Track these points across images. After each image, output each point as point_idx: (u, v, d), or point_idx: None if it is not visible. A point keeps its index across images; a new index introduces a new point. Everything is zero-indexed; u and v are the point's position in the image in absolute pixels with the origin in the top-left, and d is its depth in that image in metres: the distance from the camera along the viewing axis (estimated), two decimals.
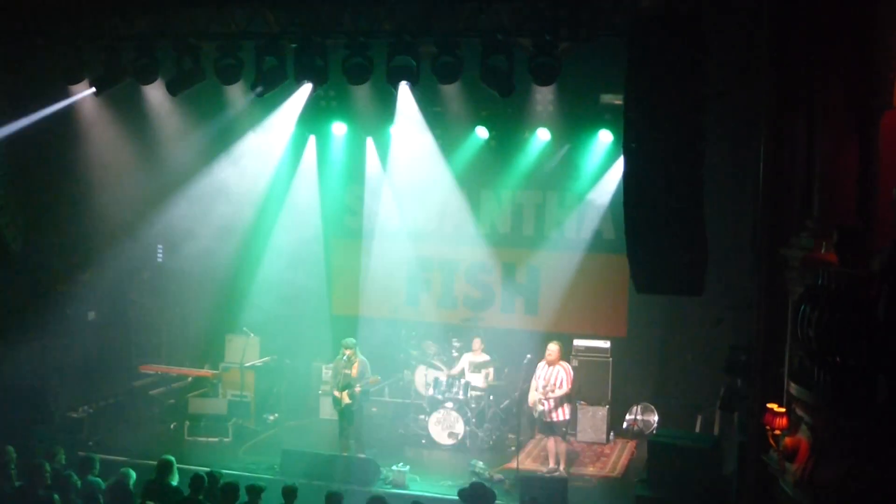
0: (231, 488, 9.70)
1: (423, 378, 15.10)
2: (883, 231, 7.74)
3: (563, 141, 15.14)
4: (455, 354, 15.05)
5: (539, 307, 16.08)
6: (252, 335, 15.49)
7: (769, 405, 8.71)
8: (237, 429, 14.47)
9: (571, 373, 13.10)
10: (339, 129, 15.86)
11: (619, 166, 10.70)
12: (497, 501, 10.16)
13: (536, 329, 15.56)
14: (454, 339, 15.29)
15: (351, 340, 13.37)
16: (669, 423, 14.49)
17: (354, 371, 13.14)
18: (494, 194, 16.17)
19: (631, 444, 14.64)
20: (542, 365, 13.13)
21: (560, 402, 12.93)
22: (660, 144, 9.79)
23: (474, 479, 11.68)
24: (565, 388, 12.89)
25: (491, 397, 14.52)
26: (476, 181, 15.92)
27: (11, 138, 13.09)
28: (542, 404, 12.91)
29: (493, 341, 15.30)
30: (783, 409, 8.57)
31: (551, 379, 12.90)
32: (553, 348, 13.06)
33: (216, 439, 14.24)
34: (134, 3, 12.27)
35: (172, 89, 12.35)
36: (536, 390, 12.99)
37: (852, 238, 7.46)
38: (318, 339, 15.94)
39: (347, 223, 16.99)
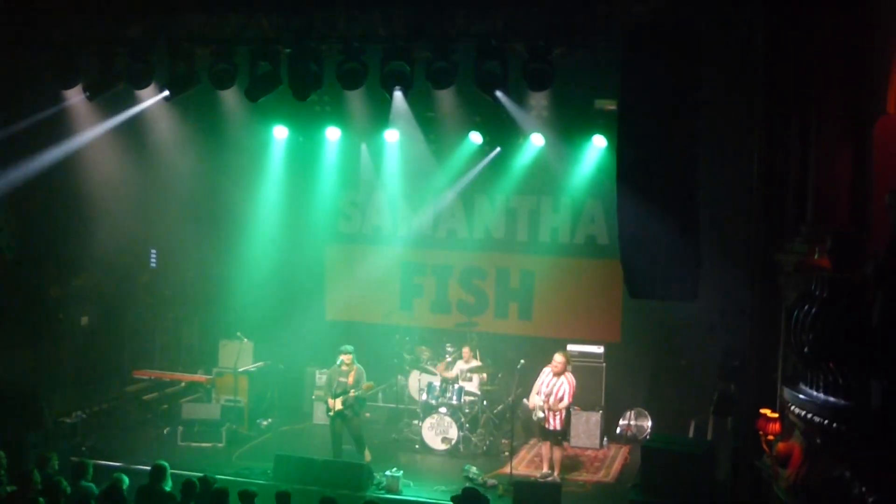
0: (221, 494, 9.67)
1: (416, 383, 15.05)
2: (877, 236, 7.77)
3: (558, 146, 15.13)
4: (448, 360, 15.03)
5: (533, 312, 16.06)
6: (245, 340, 15.45)
7: (762, 410, 8.73)
8: (230, 434, 14.41)
9: (574, 385, 12.95)
10: (333, 133, 15.82)
11: (612, 171, 10.72)
12: None
13: (530, 334, 15.55)
14: (448, 345, 15.24)
15: (349, 347, 13.25)
16: (663, 428, 14.45)
17: (350, 379, 13.03)
18: (488, 199, 16.16)
19: (624, 450, 14.62)
20: (547, 371, 12.98)
21: (563, 414, 12.87)
22: (654, 150, 9.80)
23: (468, 485, 11.64)
24: (566, 402, 12.81)
25: (485, 402, 14.50)
26: (470, 186, 15.92)
27: (4, 142, 13.06)
28: (542, 411, 12.86)
29: (486, 346, 15.29)
30: (776, 415, 8.59)
31: (555, 389, 12.80)
32: (559, 359, 12.85)
33: (209, 444, 14.17)
34: (128, 8, 12.25)
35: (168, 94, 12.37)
36: (538, 394, 12.92)
37: (846, 243, 7.48)
38: (312, 344, 15.88)
39: (341, 228, 16.97)
